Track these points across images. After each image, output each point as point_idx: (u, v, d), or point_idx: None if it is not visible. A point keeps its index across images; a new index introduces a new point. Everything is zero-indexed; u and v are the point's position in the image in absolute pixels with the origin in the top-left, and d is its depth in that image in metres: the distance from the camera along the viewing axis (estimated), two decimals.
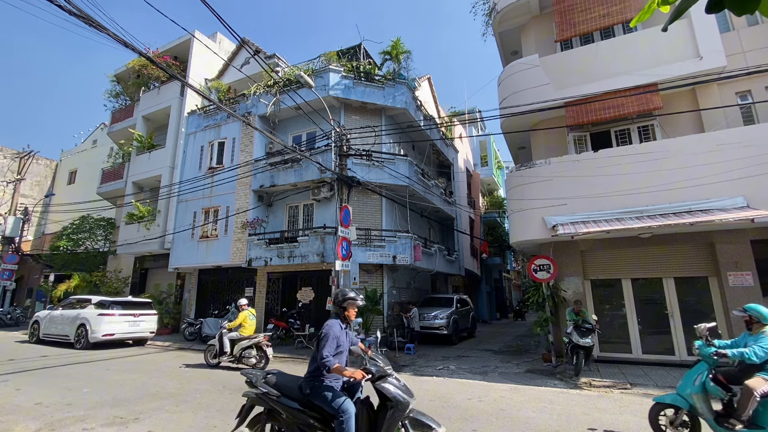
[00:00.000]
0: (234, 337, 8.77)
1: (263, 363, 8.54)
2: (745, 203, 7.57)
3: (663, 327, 8.93)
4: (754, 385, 3.85)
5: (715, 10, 1.29)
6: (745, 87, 9.18)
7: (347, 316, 3.55)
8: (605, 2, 9.82)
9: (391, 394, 3.24)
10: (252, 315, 9.08)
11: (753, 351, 3.94)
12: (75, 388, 6.66)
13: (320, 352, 3.18)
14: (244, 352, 8.61)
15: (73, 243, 19.95)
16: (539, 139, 11.21)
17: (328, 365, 3.13)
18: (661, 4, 1.39)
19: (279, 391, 3.49)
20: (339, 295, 3.58)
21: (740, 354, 4.00)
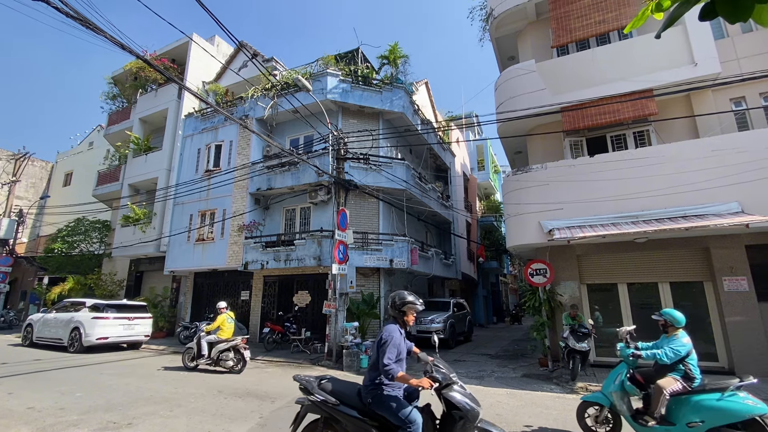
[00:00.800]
0: (212, 340, 8.83)
1: (240, 365, 8.67)
2: (739, 208, 7.63)
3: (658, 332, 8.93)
4: (664, 384, 4.17)
5: (708, 17, 1.30)
6: (740, 93, 9.27)
7: (406, 321, 3.36)
8: (601, 9, 9.91)
9: (461, 403, 3.11)
10: (230, 318, 9.14)
11: (664, 352, 4.24)
12: (68, 393, 6.59)
13: (382, 360, 3.02)
14: (221, 355, 8.68)
15: (67, 245, 19.80)
16: (536, 144, 11.26)
17: (391, 374, 2.96)
18: (654, 11, 1.40)
19: (336, 398, 3.34)
20: (397, 299, 3.39)
21: (653, 355, 4.31)
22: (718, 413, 3.92)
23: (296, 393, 6.85)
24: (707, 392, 4.07)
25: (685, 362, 4.25)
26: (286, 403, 6.27)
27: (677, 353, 4.22)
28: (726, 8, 1.24)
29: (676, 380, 4.19)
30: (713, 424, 3.93)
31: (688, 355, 4.27)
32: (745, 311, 8.05)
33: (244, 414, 5.62)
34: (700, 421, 3.97)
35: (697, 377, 4.20)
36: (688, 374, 4.21)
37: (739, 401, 3.91)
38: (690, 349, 4.30)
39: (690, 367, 4.22)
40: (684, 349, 4.26)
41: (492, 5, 11.66)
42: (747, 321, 8.00)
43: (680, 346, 4.28)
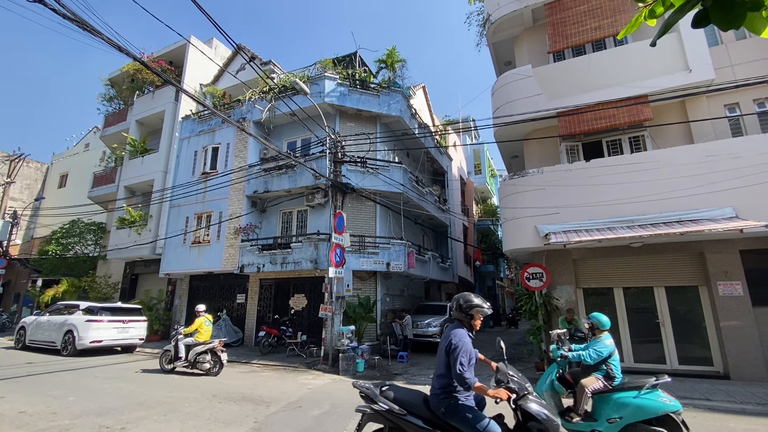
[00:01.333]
0: (189, 343, 8.92)
1: (217, 368, 8.74)
2: (733, 213, 7.69)
3: (654, 336, 8.99)
4: (586, 383, 4.46)
5: (701, 25, 1.32)
6: (734, 100, 9.37)
7: (473, 326, 3.19)
8: (597, 15, 10.00)
9: (540, 414, 2.98)
10: (208, 321, 9.24)
11: (588, 353, 4.53)
12: (60, 397, 6.52)
13: (456, 367, 2.85)
14: (198, 357, 8.75)
15: (62, 247, 19.65)
16: (532, 149, 11.32)
17: (468, 383, 2.81)
18: (647, 18, 1.42)
19: (402, 407, 3.18)
20: (462, 301, 3.20)
21: (578, 356, 4.57)
22: (634, 410, 4.16)
23: (293, 397, 6.83)
24: (626, 390, 4.32)
25: (607, 363, 4.51)
26: (281, 407, 6.22)
27: (600, 354, 4.49)
28: (719, 16, 1.25)
29: (598, 379, 4.46)
30: (630, 420, 4.17)
31: (611, 356, 4.53)
32: (740, 316, 8.10)
33: (239, 419, 5.57)
34: (619, 417, 4.23)
35: (617, 376, 4.46)
36: (609, 374, 4.48)
37: (654, 399, 4.16)
38: (612, 350, 4.55)
39: (612, 367, 4.49)
40: (606, 350, 4.52)
41: (489, 11, 11.75)
42: (741, 325, 8.05)
43: (603, 347, 4.53)
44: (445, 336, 3.13)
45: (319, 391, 7.44)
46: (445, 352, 3.02)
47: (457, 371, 2.84)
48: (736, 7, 1.23)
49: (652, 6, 1.40)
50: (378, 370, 9.66)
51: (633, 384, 4.35)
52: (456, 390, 2.98)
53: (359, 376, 9.02)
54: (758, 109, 9.24)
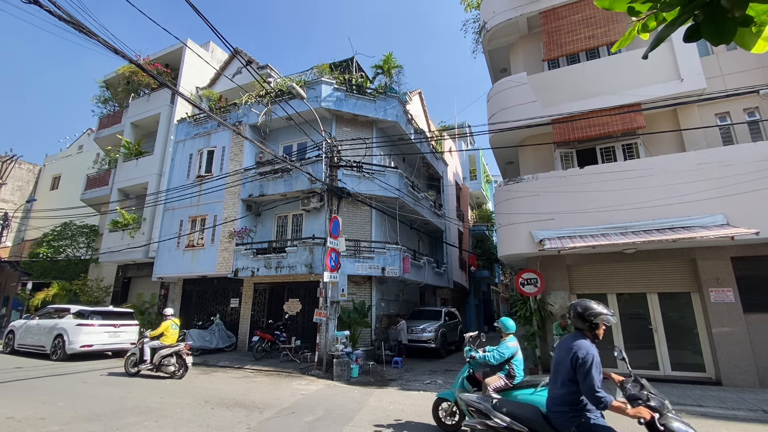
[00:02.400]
0: (155, 346, 8.94)
1: (182, 371, 8.80)
2: (725, 221, 7.78)
3: (647, 342, 9.04)
4: (489, 382, 4.82)
5: (692, 39, 1.35)
6: (724, 109, 9.52)
7: (598, 335, 2.90)
8: (590, 25, 10.15)
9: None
10: (175, 325, 9.28)
11: (492, 355, 4.89)
12: (49, 402, 6.41)
13: (588, 383, 2.62)
14: (163, 360, 8.75)
15: (53, 250, 19.42)
16: (527, 155, 11.40)
17: (605, 401, 2.58)
18: (640, 32, 1.45)
19: (522, 423, 3.02)
20: (580, 308, 2.94)
21: (484, 357, 4.94)
22: None
23: (286, 403, 6.77)
24: (524, 388, 4.69)
25: (510, 363, 4.89)
26: (274, 413, 6.17)
27: (502, 355, 4.87)
28: (709, 31, 1.28)
29: (500, 378, 4.82)
30: None
31: (513, 356, 4.91)
32: (731, 322, 8.17)
33: (232, 425, 5.51)
34: None
35: (518, 375, 4.83)
36: (510, 373, 4.85)
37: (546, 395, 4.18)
38: (515, 351, 4.92)
39: (513, 367, 4.86)
40: (509, 351, 4.90)
41: (485, 18, 11.88)
42: (733, 332, 8.12)
43: (506, 349, 4.91)
44: (564, 348, 2.90)
45: (312, 397, 7.39)
46: (571, 366, 2.75)
47: (592, 388, 2.61)
48: (726, 23, 1.25)
49: (645, 20, 1.42)
50: (372, 376, 9.61)
51: (531, 382, 4.75)
52: (586, 408, 2.76)
53: (353, 381, 8.96)
54: (748, 118, 9.39)
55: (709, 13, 1.27)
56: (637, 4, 1.37)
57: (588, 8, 10.27)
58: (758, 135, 9.26)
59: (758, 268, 8.41)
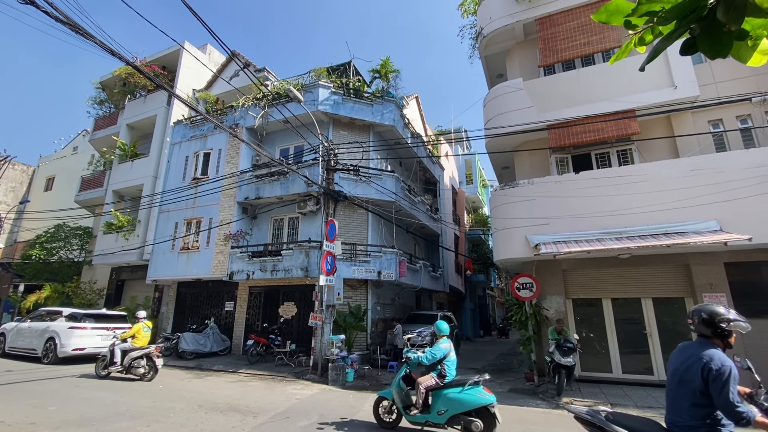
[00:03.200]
0: (126, 348, 8.97)
1: (151, 373, 8.82)
2: (718, 227, 7.85)
3: (642, 347, 9.07)
4: (421, 381, 5.19)
5: (689, 52, 1.37)
6: (717, 116, 9.64)
7: (730, 344, 2.63)
8: (586, 32, 10.26)
9: None
10: (147, 327, 9.30)
11: (425, 356, 5.26)
12: (40, 406, 6.32)
13: (725, 397, 2.40)
14: (133, 362, 8.77)
15: (46, 252, 19.22)
16: (523, 160, 11.47)
17: (747, 416, 2.38)
18: (637, 45, 1.46)
19: None
20: (707, 314, 2.64)
21: (417, 358, 5.28)
22: (457, 403, 5.04)
23: (281, 408, 6.72)
24: (454, 387, 5.13)
25: (442, 363, 5.27)
26: (268, 418, 6.12)
27: (434, 356, 5.26)
28: (706, 44, 1.30)
29: (432, 377, 5.21)
30: (454, 412, 5.03)
31: (446, 357, 5.29)
32: None
33: (225, 429, 5.46)
34: (446, 409, 5.07)
35: (448, 375, 5.22)
36: (442, 373, 5.23)
37: (473, 394, 5.03)
38: (446, 353, 5.32)
39: (445, 367, 5.25)
40: (440, 353, 5.29)
41: (482, 24, 11.97)
42: None
43: (438, 351, 5.29)
44: (689, 357, 2.64)
45: (307, 402, 7.34)
46: (702, 378, 2.50)
47: (729, 402, 2.40)
48: (723, 37, 1.27)
49: (642, 34, 1.44)
50: (368, 380, 9.57)
51: (460, 381, 5.17)
52: (721, 423, 2.53)
53: (349, 386, 8.92)
54: (741, 125, 9.51)
55: (706, 27, 1.28)
56: (634, 17, 1.38)
57: (583, 16, 10.38)
58: (750, 142, 9.37)
59: (751, 274, 8.49)
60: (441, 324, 5.56)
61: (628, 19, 1.40)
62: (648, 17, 1.37)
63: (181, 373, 10.30)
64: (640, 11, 1.36)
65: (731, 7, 1.19)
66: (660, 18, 1.34)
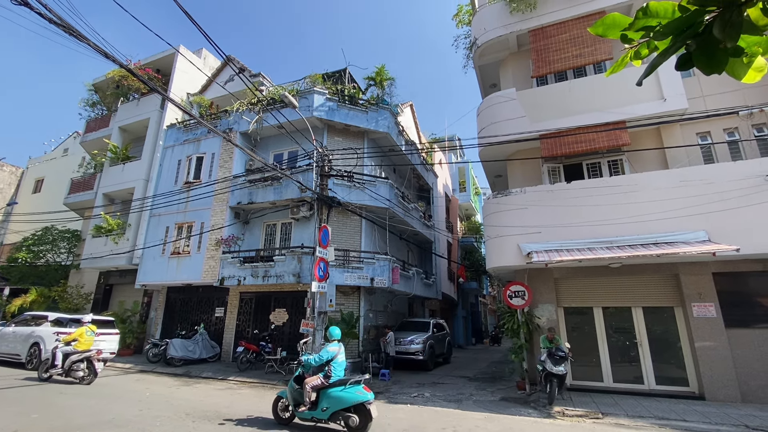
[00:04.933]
0: (68, 351, 9.01)
1: (90, 377, 8.93)
2: (706, 237, 7.97)
3: (632, 356, 9.13)
4: (308, 381, 5.70)
5: (684, 68, 1.38)
6: (705, 128, 9.83)
7: None
8: (578, 44, 10.44)
9: None
10: (90, 331, 9.33)
11: (313, 358, 5.84)
12: (23, 413, 6.16)
13: None
14: (73, 365, 8.84)
15: (33, 255, 18.87)
16: (515, 169, 11.57)
17: None
18: (633, 59, 1.48)
19: None
20: None
21: (306, 360, 5.90)
22: (338, 400, 5.55)
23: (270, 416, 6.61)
24: (337, 386, 5.63)
25: (329, 365, 5.79)
26: (257, 428, 6.02)
27: (321, 359, 5.79)
28: (702, 60, 1.31)
29: (318, 378, 5.71)
30: (335, 408, 5.54)
31: (333, 359, 5.82)
32: (713, 337, 8.31)
33: None
34: (328, 406, 5.57)
35: (333, 376, 5.73)
36: (327, 374, 5.73)
37: (353, 392, 5.55)
38: (333, 355, 5.85)
39: (331, 368, 5.76)
40: (327, 355, 5.82)
41: (476, 35, 12.13)
42: (715, 347, 8.25)
43: (325, 353, 5.82)
44: None
45: None
46: None
47: None
48: (718, 53, 1.27)
49: (638, 48, 1.45)
50: None
51: (343, 381, 5.69)
52: None
53: None
54: (728, 138, 9.71)
55: (701, 43, 1.29)
56: (630, 32, 1.39)
57: (576, 28, 10.58)
58: (738, 155, 9.56)
59: (739, 284, 8.60)
60: (333, 330, 6.20)
61: (625, 33, 1.40)
62: (644, 32, 1.38)
63: (169, 380, 10.11)
64: (637, 26, 1.36)
65: (727, 25, 1.20)
66: (656, 33, 1.35)
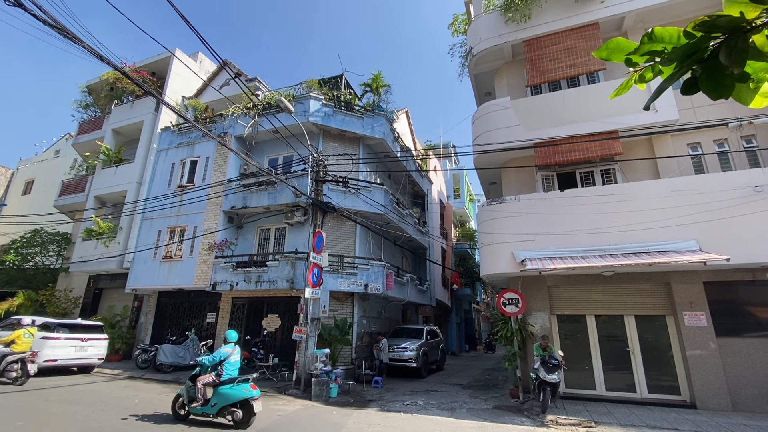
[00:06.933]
0: (4, 353, 9.29)
1: (23, 378, 9.11)
2: (697, 246, 8.06)
3: (625, 364, 9.15)
4: (200, 379, 6.22)
5: (690, 92, 1.37)
6: (696, 139, 9.99)
7: None
8: (572, 54, 10.59)
9: None
10: (28, 333, 9.61)
11: (207, 359, 6.37)
12: (6, 421, 6.01)
13: None
14: (8, 366, 9.09)
15: (21, 258, 18.54)
16: (510, 176, 11.64)
17: None
18: (637, 82, 1.48)
19: None
20: None
21: (201, 361, 6.37)
22: (225, 397, 6.07)
23: (261, 425, 6.52)
24: (226, 384, 6.13)
25: (222, 365, 6.28)
26: None
27: (214, 359, 6.32)
28: (708, 86, 1.30)
29: (210, 376, 6.22)
30: (223, 404, 6.07)
31: (225, 359, 6.32)
32: (704, 345, 8.37)
33: None
34: (216, 402, 6.09)
35: (225, 374, 6.22)
36: (219, 372, 6.23)
37: (239, 389, 6.07)
38: (226, 356, 6.35)
39: (222, 368, 6.26)
40: (220, 356, 6.35)
41: (471, 44, 12.25)
42: (706, 355, 8.31)
43: (218, 354, 6.36)
44: None
45: (289, 418, 7.15)
46: None
47: None
48: (725, 79, 1.27)
49: (642, 72, 1.45)
50: (352, 396, 9.39)
51: (233, 379, 6.18)
52: None
53: (332, 402, 8.73)
54: (718, 149, 9.86)
55: (708, 69, 1.28)
56: (635, 56, 1.38)
57: (569, 39, 10.74)
58: (727, 165, 9.71)
59: (729, 293, 8.69)
60: (229, 333, 6.71)
61: (630, 57, 1.40)
62: (649, 56, 1.37)
63: (158, 387, 9.94)
64: (642, 50, 1.36)
65: (733, 51, 1.20)
66: (663, 59, 1.34)
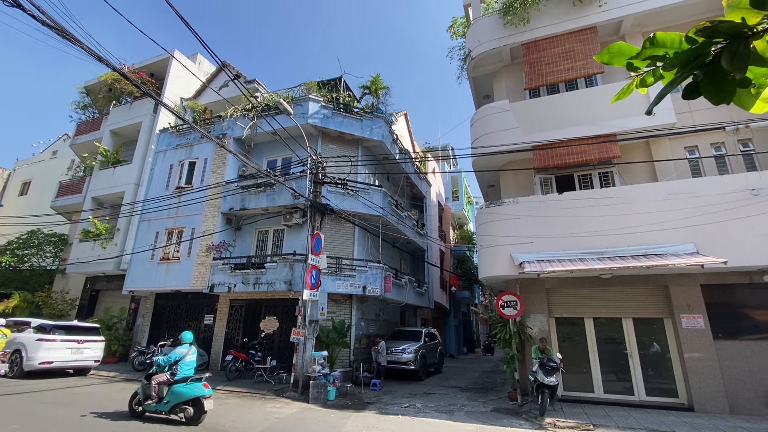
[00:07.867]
0: None
1: None
2: (694, 249, 8.08)
3: (623, 367, 9.15)
4: (155, 378, 6.43)
5: (691, 97, 1.38)
6: (693, 143, 10.03)
7: None
8: (570, 58, 10.64)
9: None
10: (3, 335, 10.03)
11: (162, 359, 6.60)
12: (1, 423, 5.96)
13: None
14: None
15: (17, 259, 18.44)
16: (508, 179, 11.66)
17: None
18: (639, 86, 1.48)
19: None
20: None
21: (156, 360, 6.63)
22: (178, 395, 6.31)
23: (258, 428, 6.49)
24: (180, 383, 6.35)
25: (177, 364, 6.47)
26: None
27: (169, 360, 6.52)
28: (709, 90, 1.31)
29: (164, 375, 6.43)
30: (175, 402, 6.31)
31: (181, 359, 6.52)
32: (702, 348, 8.39)
33: None
34: (169, 400, 6.33)
35: (179, 374, 6.43)
36: (173, 372, 6.44)
37: (192, 388, 6.30)
38: (181, 356, 6.55)
39: (177, 368, 6.46)
40: (175, 357, 6.53)
41: (470, 47, 12.29)
42: (704, 358, 8.32)
43: (173, 355, 6.54)
44: None
45: (287, 421, 7.12)
46: None
47: None
48: (726, 84, 1.27)
49: (644, 76, 1.45)
50: (350, 399, 9.36)
51: (186, 378, 6.42)
52: None
53: (330, 404, 8.70)
54: (715, 152, 9.91)
55: (709, 74, 1.29)
56: (637, 61, 1.39)
57: (568, 42, 10.78)
58: (724, 169, 9.75)
59: (726, 296, 8.71)
60: (184, 335, 6.92)
61: (631, 61, 1.40)
62: (650, 60, 1.37)
63: None
64: (644, 55, 1.36)
65: (735, 56, 1.20)
66: (665, 64, 1.34)
